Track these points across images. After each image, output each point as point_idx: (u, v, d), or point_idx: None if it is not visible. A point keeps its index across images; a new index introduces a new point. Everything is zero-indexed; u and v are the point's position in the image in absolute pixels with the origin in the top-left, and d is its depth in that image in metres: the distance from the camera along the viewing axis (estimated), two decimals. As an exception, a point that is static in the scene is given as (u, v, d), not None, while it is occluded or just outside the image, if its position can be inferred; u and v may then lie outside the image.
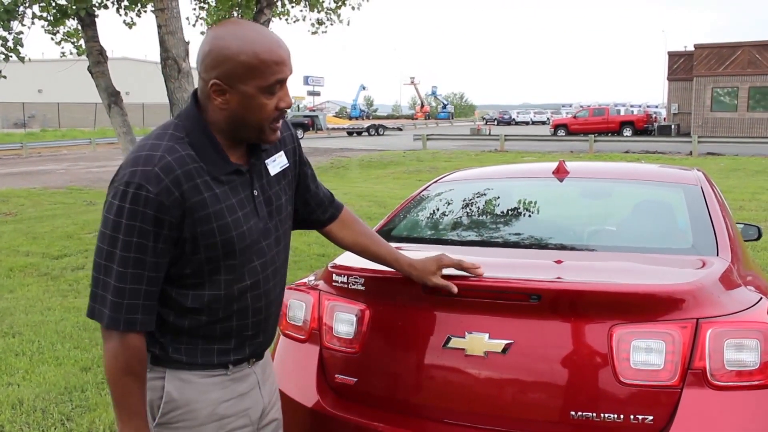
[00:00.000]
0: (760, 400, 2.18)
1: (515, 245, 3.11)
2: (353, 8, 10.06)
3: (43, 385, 4.52)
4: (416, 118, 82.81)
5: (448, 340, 2.32)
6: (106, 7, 8.26)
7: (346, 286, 2.55)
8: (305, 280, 3.01)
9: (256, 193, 1.83)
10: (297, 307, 2.81)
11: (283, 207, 1.94)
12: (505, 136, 31.36)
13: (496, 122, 74.56)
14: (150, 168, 1.64)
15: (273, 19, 7.95)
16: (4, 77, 7.99)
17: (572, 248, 3.02)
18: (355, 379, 2.50)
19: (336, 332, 2.58)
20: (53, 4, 7.75)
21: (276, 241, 1.90)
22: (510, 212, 3.64)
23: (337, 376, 2.55)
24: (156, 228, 1.64)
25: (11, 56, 7.31)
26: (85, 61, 8.00)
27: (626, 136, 37.40)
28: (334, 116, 69.59)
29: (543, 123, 70.94)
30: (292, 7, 9.43)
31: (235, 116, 1.73)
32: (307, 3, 9.28)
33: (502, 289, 2.28)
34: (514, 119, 77.62)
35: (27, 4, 7.61)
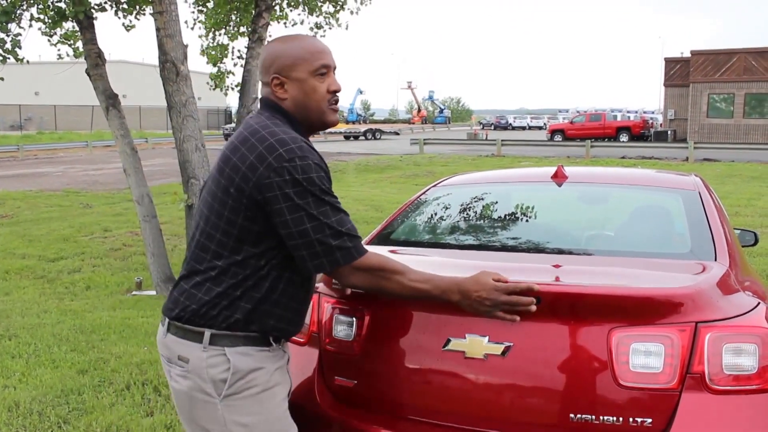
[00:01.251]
0: (758, 404, 2.19)
1: (514, 249, 3.11)
2: (352, 12, 10.06)
3: (40, 388, 4.50)
4: (413, 123, 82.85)
5: (448, 342, 2.32)
6: (104, 9, 8.25)
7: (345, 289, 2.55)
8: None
9: None
10: (296, 311, 2.81)
11: None
12: (502, 140, 31.40)
13: (492, 127, 74.62)
14: (299, 144, 1.92)
15: (272, 22, 7.95)
16: (2, 79, 7.98)
17: (570, 252, 3.03)
18: (355, 382, 2.50)
19: (335, 335, 2.58)
20: (51, 6, 7.74)
21: None
22: (508, 216, 3.64)
23: (336, 378, 2.55)
24: (330, 184, 1.97)
25: (9, 58, 7.29)
26: (82, 64, 7.98)
27: (623, 141, 37.48)
28: (331, 120, 69.59)
29: (540, 128, 71.05)
30: (291, 10, 9.43)
31: (297, 101, 2.03)
32: (305, 7, 9.28)
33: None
34: (510, 124, 77.70)
35: (25, 7, 7.60)
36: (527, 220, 3.59)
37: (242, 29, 9.68)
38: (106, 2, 8.29)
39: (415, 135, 47.86)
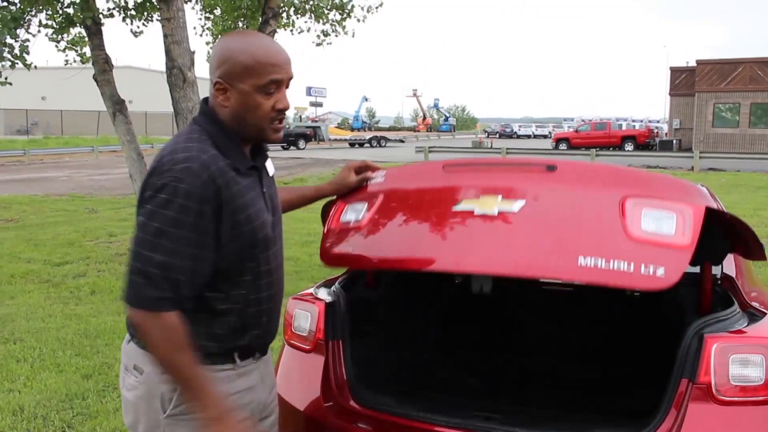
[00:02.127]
0: (765, 416, 2.18)
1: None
2: (358, 20, 10.11)
3: (44, 392, 4.51)
4: (418, 131, 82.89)
5: (461, 202, 2.34)
6: (112, 15, 8.30)
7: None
8: (310, 290, 3.02)
9: (264, 189, 1.96)
10: (302, 318, 2.81)
11: (278, 206, 2.07)
12: (507, 149, 31.40)
13: (497, 135, 74.56)
14: (189, 165, 1.74)
15: (278, 30, 7.99)
16: (10, 84, 8.02)
17: None
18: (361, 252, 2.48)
19: (343, 219, 2.59)
20: (60, 12, 7.79)
21: (279, 235, 2.03)
22: None
23: (338, 250, 2.53)
24: (197, 220, 1.74)
25: (17, 63, 7.34)
26: (89, 69, 8.01)
27: (628, 150, 37.41)
28: (336, 127, 69.76)
29: (545, 137, 70.93)
30: (297, 18, 9.47)
31: (236, 114, 1.85)
32: (312, 14, 9.32)
33: (521, 163, 2.41)
34: (515, 132, 77.62)
35: (33, 13, 7.65)
36: None
37: (249, 36, 9.74)
38: (114, 8, 8.33)
39: (420, 143, 47.86)
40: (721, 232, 2.51)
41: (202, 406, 1.80)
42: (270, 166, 2.07)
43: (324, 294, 2.90)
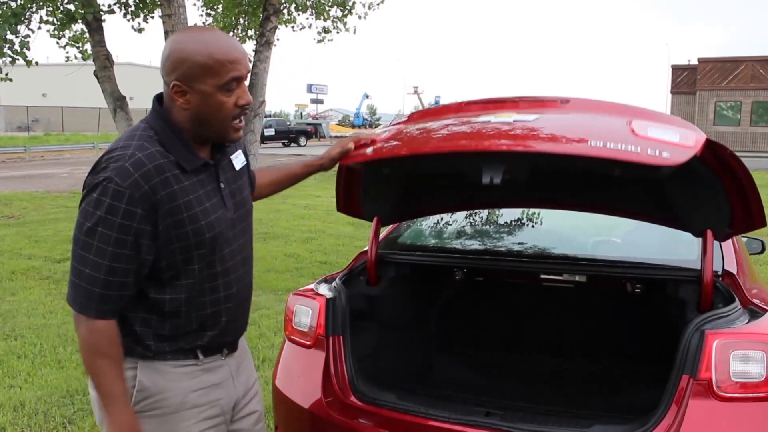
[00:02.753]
0: (765, 412, 2.18)
1: None
2: (360, 17, 10.09)
3: (45, 388, 4.51)
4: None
5: (479, 116, 2.43)
6: (113, 12, 8.29)
7: None
8: (311, 286, 3.02)
9: (222, 185, 1.92)
10: (303, 313, 2.81)
11: (246, 200, 2.04)
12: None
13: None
14: (121, 164, 1.72)
15: (279, 26, 7.98)
16: (10, 80, 8.02)
17: None
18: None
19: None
20: (60, 8, 7.79)
21: (242, 232, 1.99)
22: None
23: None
24: (127, 221, 1.72)
25: (18, 59, 7.33)
26: (90, 66, 8.01)
27: (629, 148, 37.33)
28: (337, 124, 69.68)
29: (545, 134, 70.83)
30: (299, 14, 9.46)
31: (197, 115, 1.81)
32: (313, 11, 9.31)
33: (538, 98, 2.51)
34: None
35: (34, 9, 7.64)
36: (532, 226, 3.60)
37: (250, 32, 9.72)
38: (114, 4, 8.33)
39: (420, 140, 47.70)
40: (724, 198, 2.52)
41: (109, 416, 1.81)
42: (238, 159, 2.03)
43: (324, 290, 2.90)
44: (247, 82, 1.87)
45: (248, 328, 5.90)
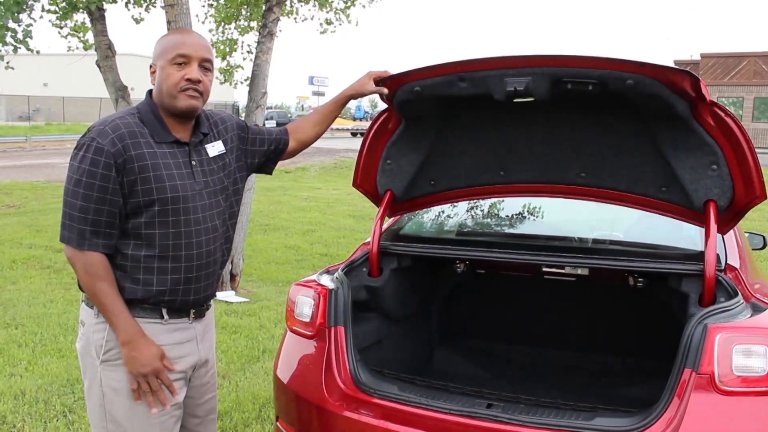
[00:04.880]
0: (767, 406, 2.18)
1: None
2: (364, 6, 10.04)
3: (46, 377, 4.52)
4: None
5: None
6: (115, 1, 8.26)
7: None
8: (312, 277, 3.02)
9: (194, 163, 2.24)
10: (304, 304, 2.81)
11: (220, 182, 2.31)
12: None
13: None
14: (102, 127, 2.13)
15: (282, 17, 7.94)
16: (12, 68, 7.99)
17: None
18: None
19: None
20: (63, -3, 7.76)
21: (212, 207, 2.27)
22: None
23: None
24: (106, 171, 2.08)
25: (20, 48, 7.30)
26: (91, 56, 7.99)
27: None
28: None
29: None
30: (301, 6, 9.40)
31: (158, 87, 2.21)
32: (316, 2, 9.25)
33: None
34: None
35: (36, -3, 7.61)
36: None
37: (252, 24, 9.67)
38: (117, -6, 8.30)
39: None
40: (725, 165, 2.54)
41: (116, 329, 2.13)
42: (215, 147, 2.33)
43: (327, 281, 2.90)
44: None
45: (249, 320, 5.90)
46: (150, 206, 2.14)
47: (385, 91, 2.72)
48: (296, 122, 2.70)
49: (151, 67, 2.24)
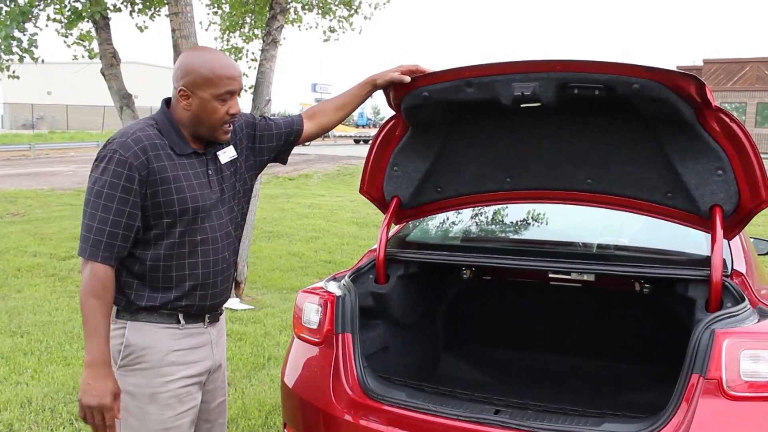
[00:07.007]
0: (776, 412, 2.18)
1: None
2: (366, 18, 10.07)
3: (52, 385, 4.53)
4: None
5: None
6: (119, 10, 8.29)
7: None
8: (320, 284, 3.03)
9: (210, 172, 2.28)
10: (312, 311, 2.82)
11: (232, 187, 2.35)
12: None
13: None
14: (124, 139, 2.14)
15: (286, 25, 7.96)
16: (17, 77, 8.01)
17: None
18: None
19: None
20: (68, 6, 7.79)
21: (227, 213, 2.32)
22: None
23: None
24: (128, 183, 2.11)
25: (25, 57, 7.34)
26: (95, 64, 8.01)
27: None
28: (341, 124, 69.75)
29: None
30: (305, 14, 9.43)
31: (195, 116, 2.21)
32: (320, 11, 9.28)
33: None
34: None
35: (41, 6, 7.64)
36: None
37: (257, 31, 9.70)
38: (122, 3, 8.34)
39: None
40: (730, 170, 2.55)
41: (88, 348, 2.11)
42: (227, 153, 2.35)
43: (333, 287, 2.91)
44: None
45: (254, 327, 5.91)
46: (170, 217, 2.18)
47: (407, 79, 2.67)
48: (318, 105, 2.68)
49: (182, 90, 2.19)
